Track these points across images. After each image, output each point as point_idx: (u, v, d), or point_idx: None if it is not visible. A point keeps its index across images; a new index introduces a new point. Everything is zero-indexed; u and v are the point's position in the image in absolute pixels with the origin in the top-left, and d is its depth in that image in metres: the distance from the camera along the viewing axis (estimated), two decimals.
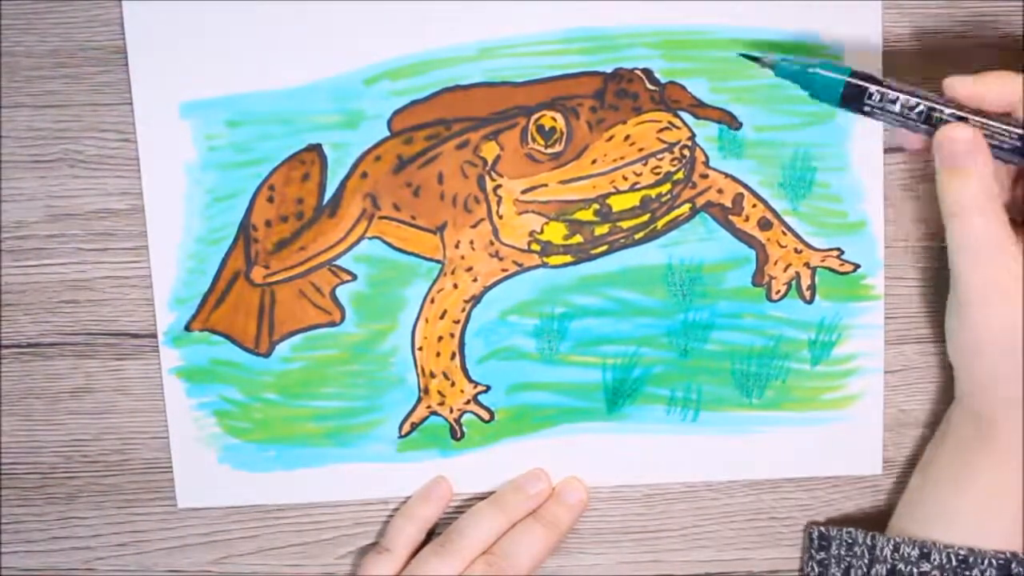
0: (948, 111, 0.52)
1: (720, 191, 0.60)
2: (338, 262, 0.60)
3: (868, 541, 0.57)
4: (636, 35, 0.58)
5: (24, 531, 0.62)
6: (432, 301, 0.60)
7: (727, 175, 0.60)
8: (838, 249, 0.60)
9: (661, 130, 0.59)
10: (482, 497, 0.62)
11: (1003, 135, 0.52)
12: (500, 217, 0.59)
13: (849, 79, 0.53)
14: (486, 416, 0.61)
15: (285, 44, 0.58)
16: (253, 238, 0.59)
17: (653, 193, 0.59)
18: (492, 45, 0.58)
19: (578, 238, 0.60)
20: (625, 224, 0.59)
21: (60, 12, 0.59)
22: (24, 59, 0.59)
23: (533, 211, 0.59)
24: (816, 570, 0.59)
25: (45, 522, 0.62)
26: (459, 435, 0.61)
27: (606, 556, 0.63)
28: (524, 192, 0.59)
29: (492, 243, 0.60)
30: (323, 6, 0.58)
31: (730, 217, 0.60)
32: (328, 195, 0.59)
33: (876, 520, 0.62)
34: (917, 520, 0.57)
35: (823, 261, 0.60)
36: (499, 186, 0.59)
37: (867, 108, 0.53)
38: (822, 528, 0.59)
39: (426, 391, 0.61)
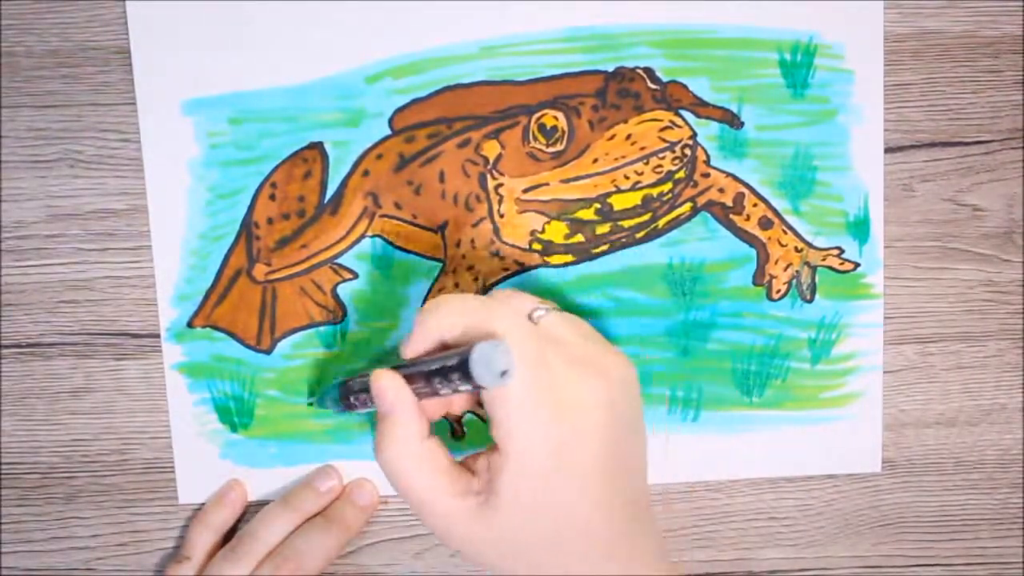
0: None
1: (721, 190, 0.60)
2: (339, 260, 0.60)
3: None
4: (638, 34, 0.58)
5: (24, 531, 0.61)
6: None
7: (728, 174, 0.60)
8: (838, 248, 0.60)
9: (663, 129, 0.59)
10: None
11: (432, 377, 0.48)
12: (501, 216, 0.59)
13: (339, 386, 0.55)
14: (487, 416, 0.61)
15: (287, 42, 0.58)
16: (255, 235, 0.59)
17: (654, 192, 0.59)
18: (494, 44, 0.58)
19: (579, 237, 0.60)
20: (626, 223, 0.59)
21: (60, 12, 0.59)
22: (24, 59, 0.59)
23: (534, 210, 0.59)
24: None
25: (45, 522, 0.61)
26: (460, 434, 0.61)
27: None
28: (525, 191, 0.59)
29: (493, 242, 0.60)
30: (325, 4, 0.58)
31: (731, 216, 0.60)
32: (329, 193, 0.59)
33: (876, 519, 0.62)
34: None
35: (823, 260, 0.60)
36: (500, 185, 0.59)
37: (353, 403, 0.54)
38: None
39: None
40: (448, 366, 0.47)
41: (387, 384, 0.49)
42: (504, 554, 0.50)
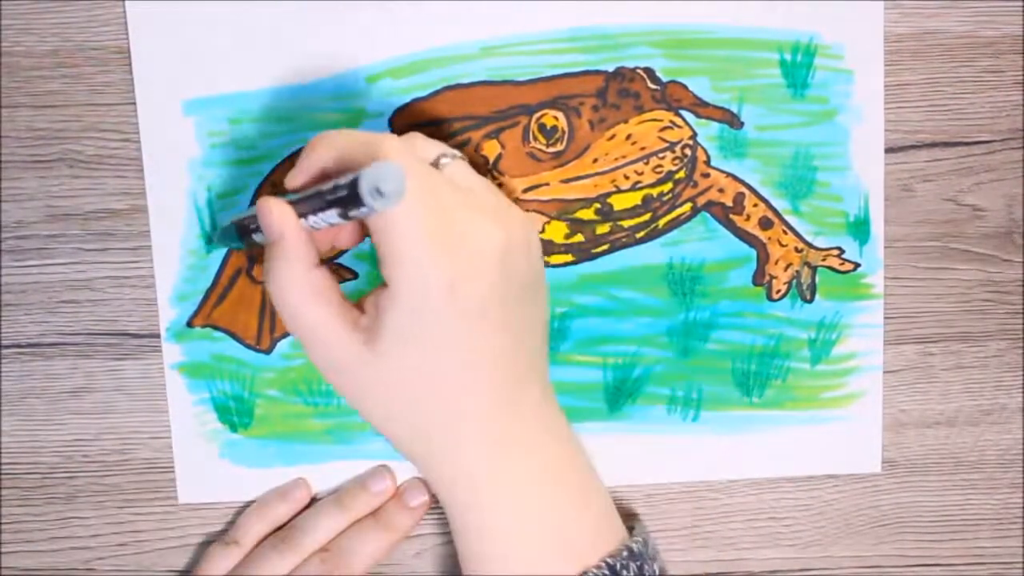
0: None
1: (721, 190, 0.60)
2: (339, 260, 0.60)
3: None
4: (638, 34, 0.58)
5: (24, 531, 0.61)
6: None
7: (728, 174, 0.60)
8: (838, 248, 0.60)
9: (663, 129, 0.59)
10: None
11: (320, 200, 0.46)
12: None
13: (233, 222, 0.54)
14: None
15: (287, 42, 0.58)
16: None
17: (654, 192, 0.59)
18: (494, 44, 0.58)
19: (579, 237, 0.60)
20: (626, 223, 0.59)
21: (60, 12, 0.58)
22: (24, 59, 0.59)
23: (534, 210, 0.59)
24: None
25: (45, 522, 0.61)
26: None
27: None
28: (525, 191, 0.59)
29: None
30: (325, 4, 0.58)
31: (731, 216, 0.60)
32: None
33: (876, 519, 0.62)
34: None
35: (824, 260, 0.60)
36: (500, 185, 0.59)
37: (254, 240, 0.53)
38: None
39: None
40: (337, 185, 0.44)
41: (273, 209, 0.48)
42: (387, 402, 0.49)
